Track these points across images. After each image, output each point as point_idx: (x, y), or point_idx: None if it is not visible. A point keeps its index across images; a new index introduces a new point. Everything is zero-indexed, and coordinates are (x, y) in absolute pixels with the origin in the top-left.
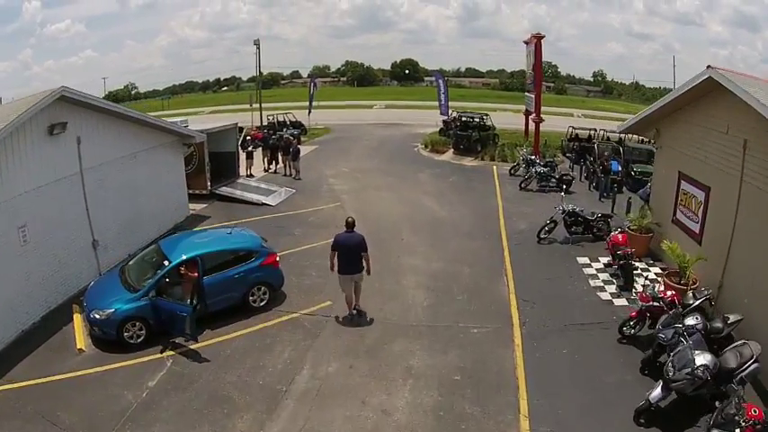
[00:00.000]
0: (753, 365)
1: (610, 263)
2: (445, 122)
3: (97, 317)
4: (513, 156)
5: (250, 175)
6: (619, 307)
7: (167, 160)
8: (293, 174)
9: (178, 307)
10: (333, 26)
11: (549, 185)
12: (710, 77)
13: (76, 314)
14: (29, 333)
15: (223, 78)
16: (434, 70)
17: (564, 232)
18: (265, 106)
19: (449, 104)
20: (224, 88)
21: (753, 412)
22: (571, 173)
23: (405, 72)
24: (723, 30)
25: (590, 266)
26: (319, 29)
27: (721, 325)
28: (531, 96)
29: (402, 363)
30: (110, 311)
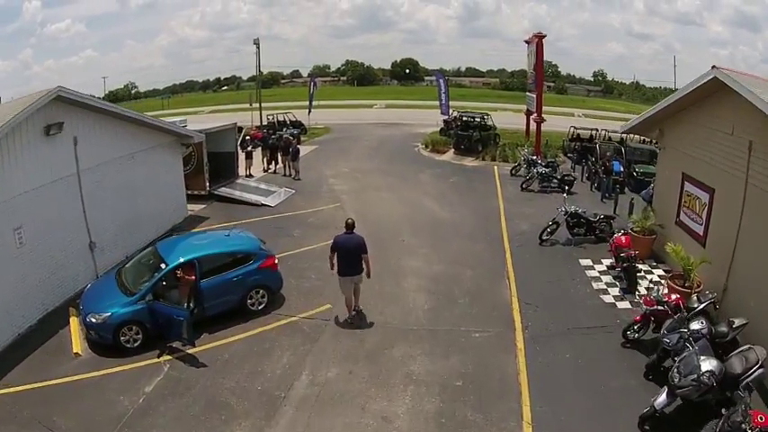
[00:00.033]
0: (758, 371)
1: (613, 265)
2: (446, 122)
3: (93, 321)
4: (515, 156)
5: (249, 176)
6: (622, 310)
7: (165, 161)
8: (293, 174)
9: (175, 311)
10: (333, 26)
11: (551, 186)
12: (716, 78)
13: (73, 317)
14: (25, 336)
15: (223, 78)
16: (435, 70)
17: (566, 234)
18: (265, 106)
19: (449, 104)
20: (224, 88)
21: (759, 419)
22: (573, 173)
23: (405, 72)
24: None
25: (593, 268)
26: (319, 28)
27: (726, 329)
28: (533, 96)
29: (403, 368)
30: (106, 315)
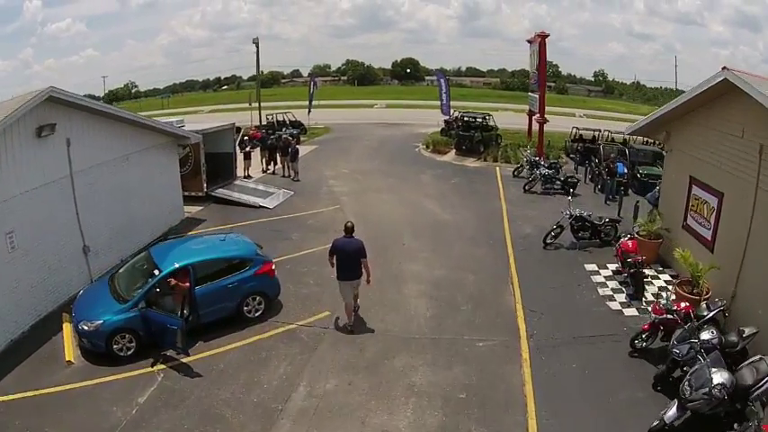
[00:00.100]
0: None
1: (619, 270)
2: (447, 122)
3: (85, 328)
4: (517, 157)
5: (248, 176)
6: (629, 317)
7: (161, 162)
8: (292, 175)
9: (168, 320)
10: (333, 25)
11: (554, 188)
12: (726, 79)
13: (66, 323)
14: (17, 343)
15: (223, 77)
16: (436, 69)
17: (570, 237)
18: (265, 105)
19: (450, 104)
20: (224, 87)
21: None
22: (576, 175)
23: (405, 71)
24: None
25: (598, 274)
26: (320, 28)
27: (736, 339)
28: (535, 96)
29: (404, 379)
30: (98, 323)
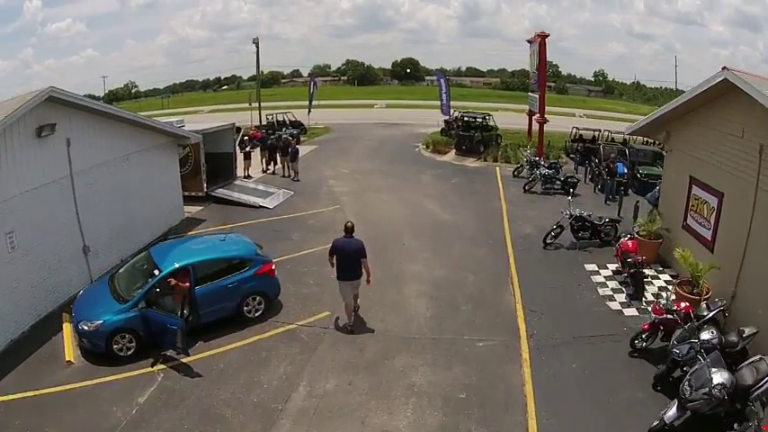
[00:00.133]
0: None
1: (619, 270)
2: (447, 122)
3: (85, 328)
4: (517, 157)
5: (248, 176)
6: (629, 317)
7: (161, 162)
8: (292, 175)
9: (168, 320)
10: (333, 25)
11: (554, 188)
12: (726, 79)
13: (66, 323)
14: (18, 343)
15: (223, 77)
16: (436, 69)
17: (570, 237)
18: (265, 105)
19: (450, 104)
20: (224, 87)
21: None
22: (576, 175)
23: (405, 71)
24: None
25: (598, 274)
26: (320, 28)
27: (736, 338)
28: (535, 96)
29: (404, 379)
30: (98, 323)
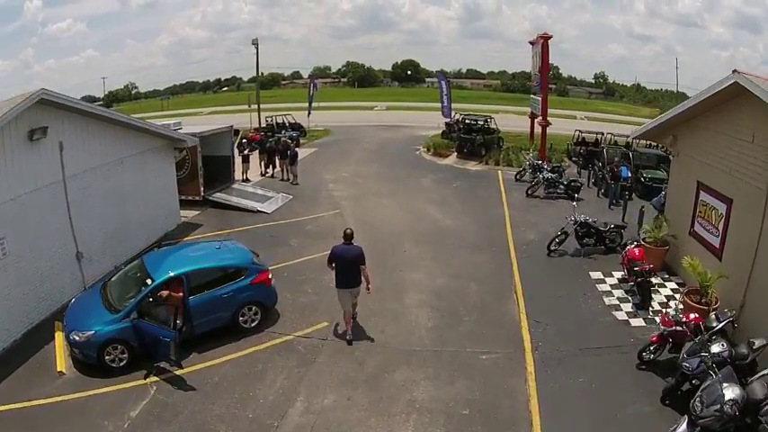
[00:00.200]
0: None
1: (624, 278)
2: (448, 125)
3: (77, 338)
4: (519, 160)
5: (246, 180)
6: (636, 328)
7: (157, 165)
8: (290, 178)
9: (161, 331)
10: (334, 27)
11: (557, 192)
12: (736, 83)
13: (58, 332)
14: (9, 351)
15: (224, 78)
16: (437, 71)
17: (574, 243)
18: (265, 107)
19: (451, 106)
20: (224, 88)
21: None
22: (579, 179)
23: (406, 73)
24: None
25: (603, 282)
26: (320, 29)
27: (746, 350)
28: (538, 99)
29: (405, 395)
30: (89, 333)
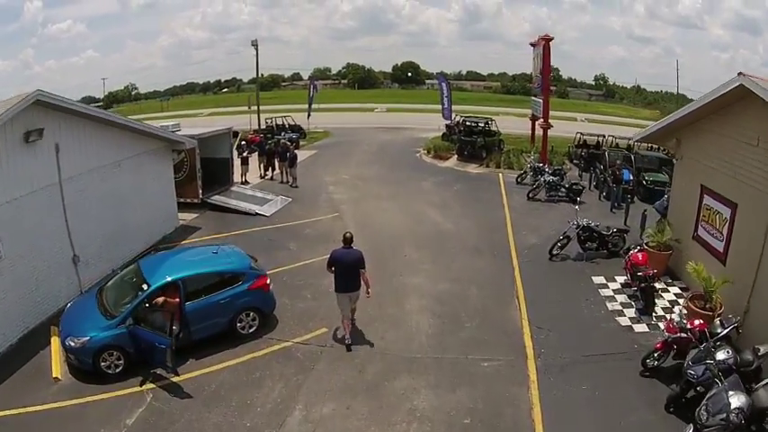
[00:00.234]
0: None
1: (627, 282)
2: (448, 127)
3: (72, 344)
4: (520, 163)
5: (245, 182)
6: (639, 334)
7: (155, 168)
8: (290, 181)
9: (157, 338)
10: (334, 28)
11: (559, 195)
12: (741, 85)
13: (54, 337)
14: (5, 356)
15: (223, 80)
16: (437, 73)
17: (577, 248)
18: (265, 108)
19: (452, 108)
20: (224, 90)
21: None
22: (581, 182)
23: (406, 75)
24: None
25: (606, 287)
26: (320, 31)
27: (751, 357)
28: (539, 101)
29: (405, 403)
30: (85, 339)
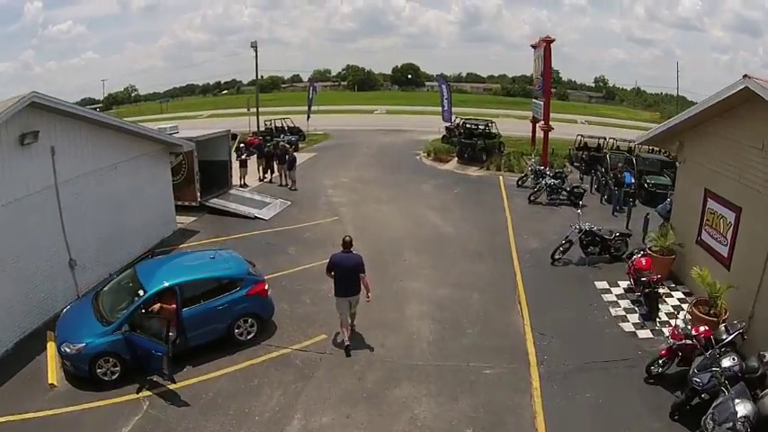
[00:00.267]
0: None
1: (631, 287)
2: (448, 129)
3: (68, 351)
4: (520, 165)
5: (244, 185)
6: (643, 340)
7: (152, 171)
8: (289, 184)
9: (153, 345)
10: (334, 30)
11: (560, 198)
12: (746, 88)
13: (50, 342)
14: (0, 362)
15: (223, 81)
16: (437, 75)
17: (579, 252)
18: (265, 110)
19: (452, 110)
20: (224, 92)
21: None
22: (582, 185)
23: (406, 77)
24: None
25: (609, 292)
26: (321, 32)
27: (757, 364)
28: (540, 103)
29: (406, 412)
30: (80, 346)
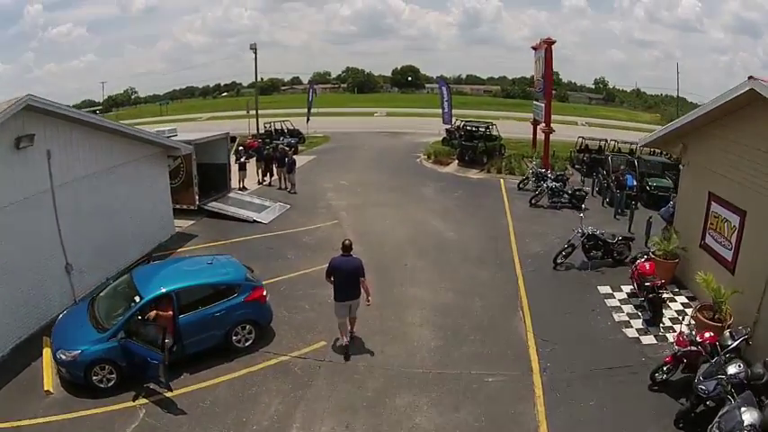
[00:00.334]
0: None
1: (634, 292)
2: (448, 131)
3: (63, 358)
4: (521, 168)
5: (243, 188)
6: (647, 346)
7: (150, 174)
8: (288, 187)
9: (149, 353)
10: (334, 32)
11: (562, 201)
12: (752, 90)
13: (46, 348)
14: None
15: (223, 84)
16: (437, 77)
17: (581, 256)
18: (264, 113)
19: (452, 112)
20: (224, 94)
21: None
22: (584, 188)
23: (406, 79)
24: (724, 36)
25: (612, 297)
26: (320, 35)
27: (762, 370)
28: (540, 105)
29: (407, 421)
30: (76, 353)
